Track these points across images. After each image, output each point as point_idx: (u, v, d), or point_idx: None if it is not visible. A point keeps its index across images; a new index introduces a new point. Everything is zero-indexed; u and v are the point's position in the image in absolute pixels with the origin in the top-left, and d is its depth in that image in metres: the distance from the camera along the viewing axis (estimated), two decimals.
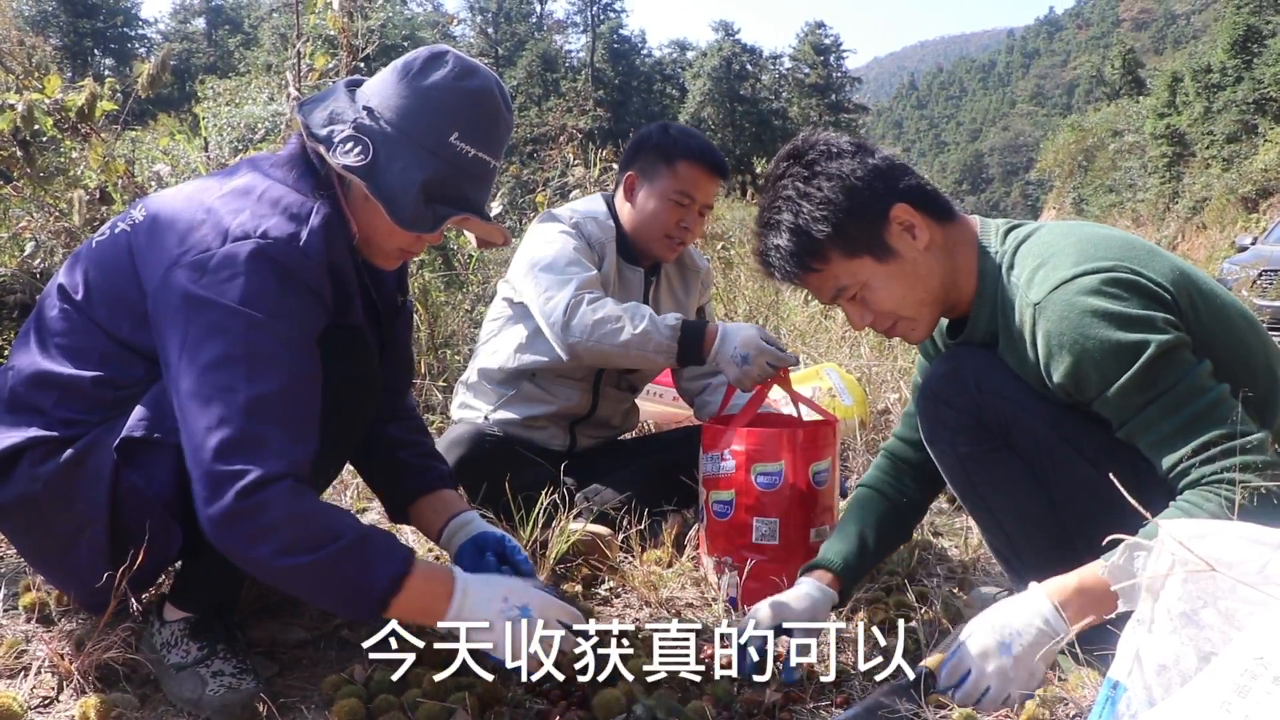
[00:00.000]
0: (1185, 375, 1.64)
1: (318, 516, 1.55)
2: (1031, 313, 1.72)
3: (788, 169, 1.89)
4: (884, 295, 1.86)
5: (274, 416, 1.54)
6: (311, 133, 1.73)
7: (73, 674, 1.78)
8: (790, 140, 1.96)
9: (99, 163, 4.41)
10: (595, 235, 2.80)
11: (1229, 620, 1.25)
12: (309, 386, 1.61)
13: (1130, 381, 1.64)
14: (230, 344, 1.54)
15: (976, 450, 1.87)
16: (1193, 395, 1.63)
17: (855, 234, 1.83)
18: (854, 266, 1.85)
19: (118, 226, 1.78)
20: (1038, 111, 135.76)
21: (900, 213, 1.83)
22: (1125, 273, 1.67)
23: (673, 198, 2.78)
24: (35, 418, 1.71)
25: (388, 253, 1.86)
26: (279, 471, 1.51)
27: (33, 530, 1.78)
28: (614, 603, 2.40)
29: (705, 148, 2.81)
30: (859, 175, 1.84)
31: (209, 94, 10.98)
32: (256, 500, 1.50)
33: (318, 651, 2.03)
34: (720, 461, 2.39)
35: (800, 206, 1.84)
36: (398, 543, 1.65)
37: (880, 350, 5.15)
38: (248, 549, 1.54)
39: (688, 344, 2.49)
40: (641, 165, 2.84)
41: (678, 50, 73.30)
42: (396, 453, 2.10)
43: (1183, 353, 1.65)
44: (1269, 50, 34.18)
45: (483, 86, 1.78)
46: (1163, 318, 1.64)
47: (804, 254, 1.85)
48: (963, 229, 1.89)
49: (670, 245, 2.85)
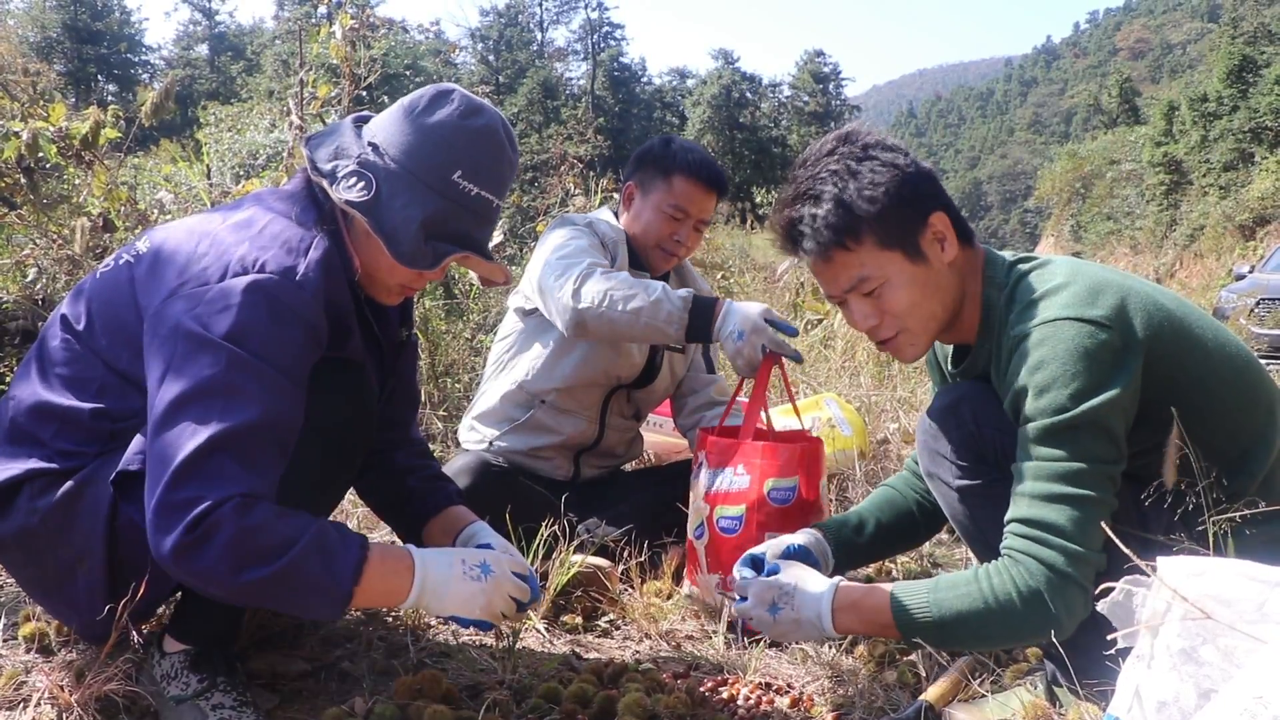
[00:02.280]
0: (1081, 459, 1.65)
1: (266, 527, 1.52)
2: (1015, 343, 1.74)
3: (837, 147, 1.88)
4: (901, 296, 1.84)
5: (236, 451, 1.53)
6: (316, 167, 1.75)
7: (73, 706, 1.77)
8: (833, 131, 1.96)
9: (102, 190, 4.44)
10: (608, 235, 2.84)
11: (1228, 658, 1.25)
12: (282, 426, 1.60)
13: (1038, 430, 1.67)
14: (210, 379, 1.54)
15: (974, 484, 1.88)
16: (1073, 480, 1.65)
17: (894, 225, 1.82)
18: (884, 259, 1.83)
19: (122, 258, 1.80)
20: (1035, 139, 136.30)
21: (938, 221, 1.84)
22: (1109, 331, 1.66)
23: (666, 210, 2.81)
24: (35, 449, 1.72)
25: (389, 288, 1.87)
26: (226, 495, 1.50)
27: (30, 563, 1.78)
28: (614, 635, 2.40)
29: (702, 162, 2.82)
30: (910, 170, 1.84)
31: (211, 120, 11.04)
32: (202, 530, 1.48)
33: (318, 683, 2.02)
34: (732, 476, 2.37)
35: (848, 182, 1.82)
36: (350, 532, 1.65)
37: (880, 380, 5.16)
38: (204, 580, 1.53)
39: (697, 315, 2.46)
40: (641, 176, 2.88)
41: (678, 78, 73.68)
42: (405, 480, 2.11)
43: (1099, 442, 1.65)
44: (1264, 80, 34.40)
45: (487, 125, 1.80)
46: (1110, 397, 1.64)
47: (842, 228, 1.82)
48: (977, 256, 1.91)
49: (663, 257, 2.88)
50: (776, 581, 1.84)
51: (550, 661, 2.13)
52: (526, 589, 1.81)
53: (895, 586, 1.76)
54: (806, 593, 1.81)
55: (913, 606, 1.72)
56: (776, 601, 1.82)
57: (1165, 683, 1.30)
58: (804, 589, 1.82)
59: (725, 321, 2.45)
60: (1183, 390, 1.70)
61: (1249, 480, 1.73)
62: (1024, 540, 1.67)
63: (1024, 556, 1.66)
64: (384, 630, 2.26)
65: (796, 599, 1.81)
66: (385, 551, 1.68)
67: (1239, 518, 1.65)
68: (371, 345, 1.93)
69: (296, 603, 1.64)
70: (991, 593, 1.66)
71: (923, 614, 1.72)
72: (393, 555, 1.69)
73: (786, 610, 1.82)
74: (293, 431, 1.62)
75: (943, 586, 1.73)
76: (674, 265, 2.96)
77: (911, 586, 1.75)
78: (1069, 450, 1.65)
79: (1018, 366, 1.71)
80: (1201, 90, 39.06)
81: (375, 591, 1.66)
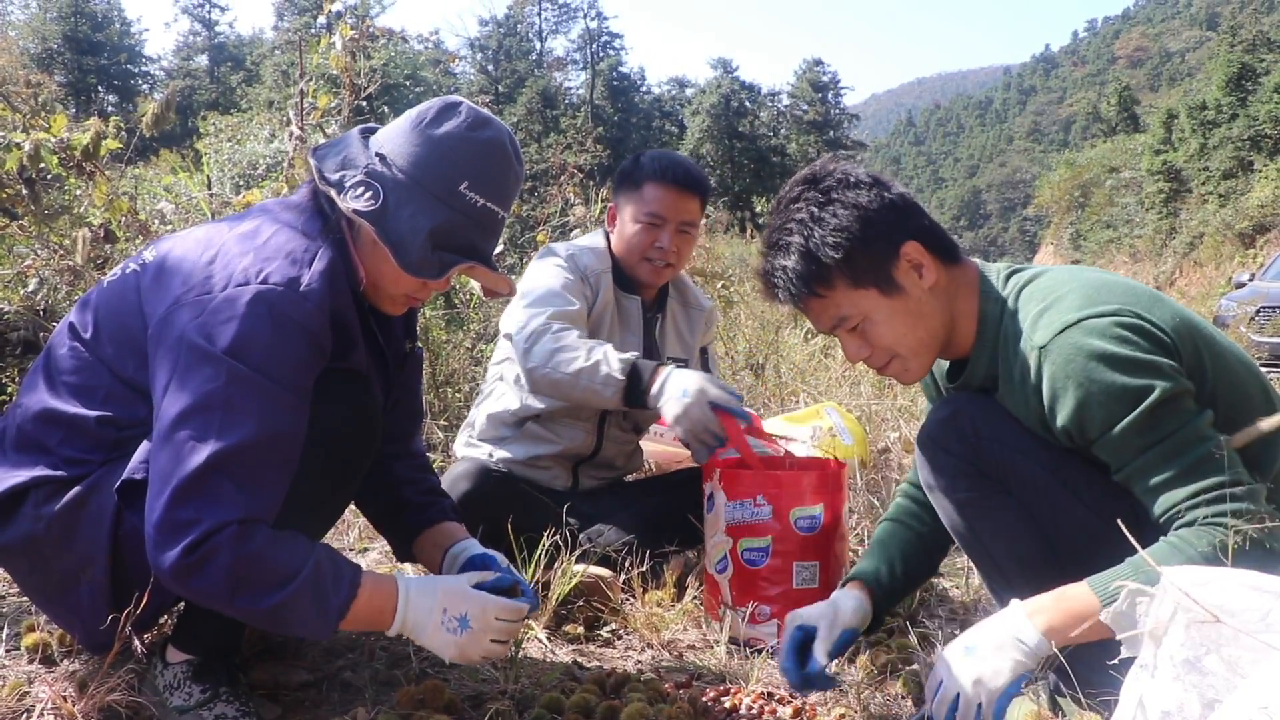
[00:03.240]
0: (1187, 422, 1.65)
1: (264, 557, 1.55)
2: (1037, 356, 1.73)
3: (802, 193, 1.89)
4: (884, 330, 1.86)
5: (235, 470, 1.55)
6: (324, 177, 1.75)
7: (75, 716, 1.77)
8: (805, 168, 1.96)
9: (103, 201, 4.44)
10: (590, 266, 2.83)
11: (1232, 668, 1.25)
12: (283, 441, 1.61)
13: (1133, 425, 1.65)
14: (210, 394, 1.55)
15: (975, 496, 1.87)
16: (1193, 443, 1.64)
17: (864, 265, 1.83)
18: (857, 297, 1.85)
19: (129, 267, 1.81)
20: (1034, 148, 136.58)
21: (911, 250, 1.84)
22: (1130, 317, 1.68)
23: (643, 220, 2.81)
24: (41, 457, 1.73)
25: (394, 298, 1.88)
26: (225, 520, 1.52)
27: (35, 570, 1.79)
28: (616, 644, 2.40)
29: (669, 165, 2.82)
30: (875, 208, 1.84)
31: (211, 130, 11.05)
32: (201, 554, 1.51)
33: (320, 694, 2.02)
34: (754, 508, 2.35)
35: (812, 230, 1.83)
36: (343, 566, 1.67)
37: (880, 389, 5.16)
38: (200, 597, 1.59)
39: (635, 379, 2.44)
40: (618, 196, 2.90)
41: (677, 87, 73.86)
42: (401, 491, 2.12)
43: (1185, 400, 1.66)
44: (1263, 88, 34.47)
45: (494, 138, 1.80)
46: (1168, 364, 1.65)
47: (810, 278, 1.84)
48: (965, 272, 1.90)
49: (652, 268, 2.86)
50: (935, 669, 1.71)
51: (552, 672, 2.13)
52: (514, 629, 1.83)
53: (1090, 583, 1.63)
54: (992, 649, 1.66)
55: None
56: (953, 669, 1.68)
57: (1169, 692, 1.30)
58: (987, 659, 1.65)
59: (665, 386, 2.41)
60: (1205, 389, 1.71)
61: None
62: (1202, 509, 1.60)
63: (1217, 518, 1.59)
64: (386, 641, 2.26)
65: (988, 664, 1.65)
66: (375, 587, 1.71)
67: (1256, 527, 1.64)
68: (376, 356, 1.93)
69: (283, 629, 1.72)
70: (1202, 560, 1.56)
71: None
72: (381, 592, 1.72)
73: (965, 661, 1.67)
74: (294, 445, 1.63)
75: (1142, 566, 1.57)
76: (668, 278, 2.95)
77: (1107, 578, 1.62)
78: (1171, 423, 1.64)
79: (1062, 385, 1.69)
80: (1200, 98, 39.14)
81: (359, 621, 1.70)
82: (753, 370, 5.29)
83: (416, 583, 1.77)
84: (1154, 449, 1.66)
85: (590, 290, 2.80)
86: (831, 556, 2.36)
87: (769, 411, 4.63)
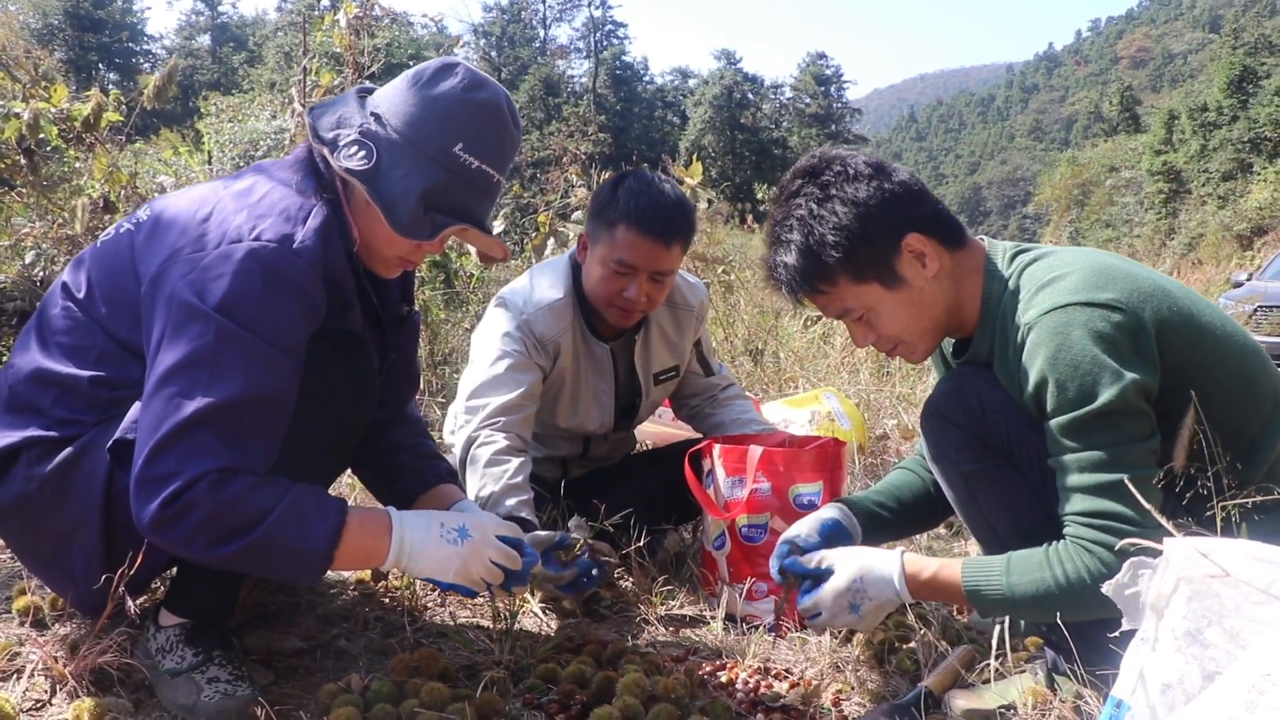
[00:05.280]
0: (1122, 442, 1.64)
1: (242, 499, 1.53)
2: (1024, 331, 1.73)
3: (802, 187, 1.87)
4: (889, 320, 1.87)
5: (220, 425, 1.53)
6: (318, 135, 1.74)
7: (66, 678, 1.76)
8: (806, 156, 1.95)
9: (103, 173, 4.42)
10: (547, 332, 2.59)
11: (1234, 639, 1.24)
12: (271, 400, 1.59)
13: (1073, 421, 1.66)
14: (198, 350, 1.54)
15: (979, 468, 1.87)
16: (1117, 464, 1.64)
17: (865, 260, 1.82)
18: (860, 291, 1.85)
19: (122, 227, 1.79)
20: (1035, 146, 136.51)
21: (913, 241, 1.82)
22: (1121, 314, 1.65)
23: (612, 265, 2.51)
24: (34, 417, 1.71)
25: (387, 260, 1.86)
26: (204, 470, 1.51)
27: (27, 531, 1.77)
28: (612, 619, 2.39)
29: (646, 210, 2.47)
30: (874, 202, 1.82)
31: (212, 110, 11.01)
32: (179, 506, 1.50)
33: (314, 661, 2.01)
34: (752, 484, 2.35)
35: (812, 228, 1.83)
36: (327, 496, 1.66)
37: (879, 376, 5.15)
38: (182, 549, 1.57)
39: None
40: (591, 225, 2.61)
41: (679, 78, 73.75)
42: (398, 456, 2.10)
43: (1134, 422, 1.64)
44: (1264, 90, 34.46)
45: (490, 99, 1.79)
46: (1133, 379, 1.62)
47: (811, 276, 1.85)
48: (972, 253, 1.89)
49: (618, 315, 2.60)
50: (846, 587, 1.84)
51: (548, 643, 2.12)
52: (513, 554, 1.81)
53: (966, 565, 1.77)
54: (878, 578, 1.82)
55: (985, 589, 1.73)
56: (853, 601, 1.84)
57: (1170, 665, 1.29)
58: (873, 575, 1.83)
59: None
60: (1191, 377, 1.69)
61: (1255, 470, 1.72)
62: (1092, 530, 1.65)
63: (1096, 546, 1.63)
64: (380, 610, 2.25)
65: (869, 590, 1.82)
66: (364, 515, 1.69)
67: (1250, 504, 1.64)
68: (371, 319, 1.91)
69: (274, 569, 1.67)
70: (1065, 578, 1.65)
71: (995, 595, 1.73)
72: (371, 518, 1.70)
73: (866, 604, 1.83)
74: (283, 404, 1.61)
75: (1015, 569, 1.71)
76: (634, 321, 2.67)
77: (983, 567, 1.76)
78: (1109, 436, 1.64)
79: (1034, 356, 1.69)
80: (1202, 100, 39.15)
81: (354, 554, 1.67)
82: (751, 356, 5.28)
83: (409, 511, 1.77)
84: (1081, 453, 1.66)
85: (547, 356, 2.61)
86: (831, 503, 2.35)
87: (768, 396, 4.62)
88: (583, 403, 2.74)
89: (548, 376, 2.64)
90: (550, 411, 2.72)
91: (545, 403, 2.68)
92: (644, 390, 2.84)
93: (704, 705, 1.82)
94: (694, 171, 5.81)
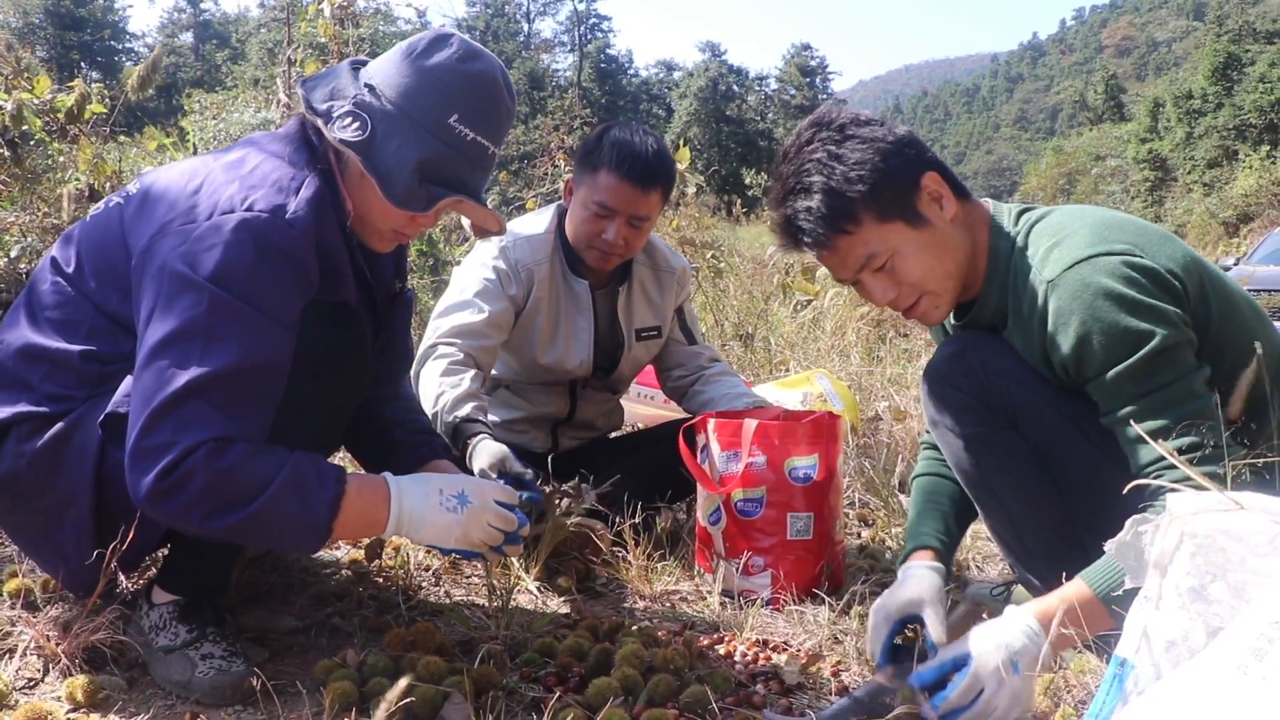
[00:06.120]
0: (1183, 375, 1.63)
1: (240, 469, 1.51)
2: (1044, 289, 1.71)
3: (815, 134, 1.85)
4: (914, 263, 1.81)
5: (214, 395, 1.51)
6: (311, 107, 1.72)
7: (59, 656, 1.74)
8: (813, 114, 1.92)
9: (87, 164, 4.39)
10: (522, 259, 2.69)
11: (1238, 594, 1.24)
12: (265, 370, 1.57)
13: (1129, 369, 1.63)
14: (191, 321, 1.52)
15: (981, 431, 1.86)
16: (1185, 398, 1.63)
17: (888, 197, 1.79)
18: (885, 231, 1.80)
19: (112, 201, 1.78)
20: (1021, 135, 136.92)
21: (930, 181, 1.81)
22: (1140, 257, 1.66)
23: (592, 208, 2.62)
24: (23, 393, 1.69)
25: (381, 233, 1.84)
26: (199, 440, 1.49)
27: (17, 508, 1.75)
28: (608, 596, 2.38)
29: (629, 156, 2.59)
30: (890, 140, 1.82)
31: (196, 108, 10.95)
32: (175, 478, 1.48)
33: (309, 639, 1.99)
34: (748, 458, 2.33)
35: (833, 168, 1.79)
36: (327, 465, 1.64)
37: (870, 360, 5.15)
38: (180, 521, 1.54)
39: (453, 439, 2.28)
40: (577, 170, 2.73)
41: (664, 71, 73.85)
42: (391, 433, 2.08)
43: (1185, 352, 1.64)
44: (1248, 77, 34.67)
45: (485, 71, 1.77)
46: (1173, 311, 1.63)
47: (837, 215, 1.79)
48: (978, 209, 1.88)
49: (598, 256, 2.70)
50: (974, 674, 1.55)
51: (544, 619, 2.11)
52: (511, 517, 1.80)
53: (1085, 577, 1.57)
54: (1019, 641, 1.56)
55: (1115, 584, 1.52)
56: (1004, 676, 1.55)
57: (1174, 622, 1.28)
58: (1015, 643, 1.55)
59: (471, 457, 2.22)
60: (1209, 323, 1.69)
61: (1265, 427, 1.72)
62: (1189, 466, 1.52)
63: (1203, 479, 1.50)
64: (375, 589, 2.23)
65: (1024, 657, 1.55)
66: (362, 483, 1.67)
67: (1260, 463, 1.62)
68: (365, 293, 1.89)
69: (275, 540, 1.66)
70: None
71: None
72: (369, 487, 1.68)
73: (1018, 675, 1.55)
74: (277, 375, 1.60)
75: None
76: (614, 264, 2.77)
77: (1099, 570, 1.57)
78: (1171, 372, 1.63)
79: (1065, 316, 1.67)
80: (1186, 87, 39.35)
81: (353, 523, 1.66)
82: (741, 340, 5.27)
83: (405, 477, 1.75)
84: (1146, 398, 1.64)
85: (521, 285, 2.68)
86: (826, 508, 2.35)
87: (759, 380, 4.61)
88: (561, 338, 2.76)
89: (521, 312, 2.70)
90: (529, 346, 2.75)
91: (524, 337, 2.73)
92: (626, 343, 2.87)
93: (703, 675, 1.81)
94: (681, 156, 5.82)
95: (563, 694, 1.72)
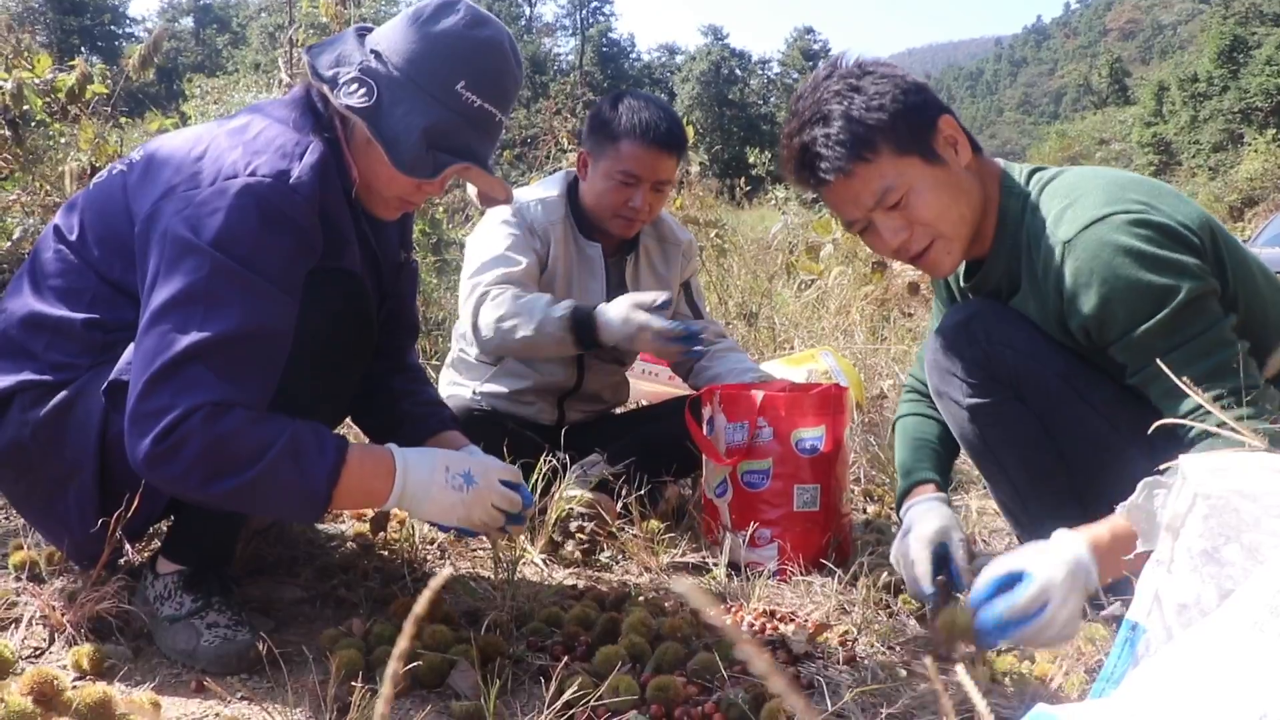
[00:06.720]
0: (1211, 325, 1.62)
1: (238, 434, 1.50)
2: (1061, 250, 1.69)
3: (834, 70, 1.84)
4: (929, 201, 1.79)
5: (215, 360, 1.50)
6: (317, 73, 1.70)
7: (65, 626, 1.74)
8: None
9: (89, 144, 4.37)
10: (538, 219, 2.73)
11: (1252, 555, 1.22)
12: (267, 336, 1.56)
13: (1157, 325, 1.62)
14: (193, 285, 1.52)
15: (986, 402, 1.84)
16: (1216, 346, 1.62)
17: (906, 131, 1.77)
18: (903, 165, 1.78)
19: (115, 168, 1.77)
20: (1025, 119, 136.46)
21: (946, 125, 1.80)
22: (1156, 214, 1.64)
23: (617, 177, 2.66)
24: (27, 362, 1.69)
25: (387, 201, 1.83)
26: (197, 403, 1.48)
27: (21, 478, 1.75)
28: (614, 569, 2.37)
29: (650, 123, 2.65)
30: (908, 82, 1.81)
31: (196, 93, 10.92)
32: (172, 441, 1.47)
33: (314, 609, 1.99)
34: (755, 430, 2.32)
35: (852, 98, 1.78)
36: (328, 433, 1.62)
37: (874, 338, 5.14)
38: (177, 486, 1.53)
39: (579, 330, 2.44)
40: (591, 142, 2.75)
41: (666, 54, 73.66)
42: (399, 404, 2.07)
43: (1210, 301, 1.63)
44: (1255, 60, 34.50)
45: (493, 37, 1.75)
46: (1194, 264, 1.62)
47: (856, 142, 1.77)
48: (990, 164, 1.87)
49: (623, 224, 2.75)
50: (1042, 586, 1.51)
51: (550, 590, 2.10)
52: (515, 498, 1.78)
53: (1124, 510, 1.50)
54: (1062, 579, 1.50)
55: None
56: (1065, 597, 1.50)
57: (1186, 584, 1.27)
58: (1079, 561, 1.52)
59: (609, 327, 2.42)
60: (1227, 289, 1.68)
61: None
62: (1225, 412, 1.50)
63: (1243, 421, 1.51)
64: (379, 562, 2.23)
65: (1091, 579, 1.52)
66: (365, 453, 1.66)
67: None
68: (370, 261, 1.88)
69: (274, 508, 1.65)
70: None
71: None
72: (373, 457, 1.67)
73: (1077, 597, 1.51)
74: (279, 341, 1.59)
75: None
76: (637, 230, 2.83)
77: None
78: (1201, 322, 1.62)
79: (1085, 277, 1.66)
80: (1192, 71, 39.19)
81: (354, 494, 1.64)
82: (746, 319, 5.26)
83: (412, 450, 1.73)
84: (1177, 351, 1.62)
85: (541, 242, 2.72)
86: (833, 479, 2.34)
87: (764, 358, 4.60)
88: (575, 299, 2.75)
89: (544, 267, 2.74)
90: None
91: None
92: None
93: (710, 643, 1.81)
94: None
95: (569, 662, 1.72)
